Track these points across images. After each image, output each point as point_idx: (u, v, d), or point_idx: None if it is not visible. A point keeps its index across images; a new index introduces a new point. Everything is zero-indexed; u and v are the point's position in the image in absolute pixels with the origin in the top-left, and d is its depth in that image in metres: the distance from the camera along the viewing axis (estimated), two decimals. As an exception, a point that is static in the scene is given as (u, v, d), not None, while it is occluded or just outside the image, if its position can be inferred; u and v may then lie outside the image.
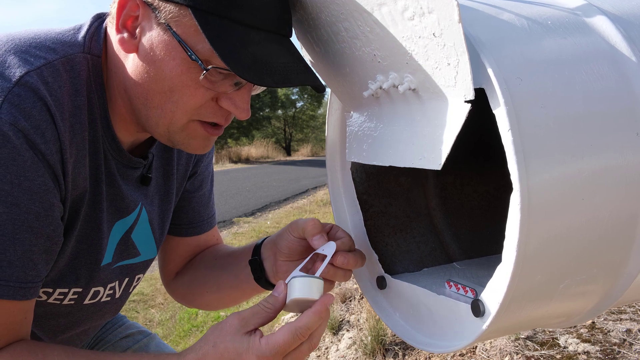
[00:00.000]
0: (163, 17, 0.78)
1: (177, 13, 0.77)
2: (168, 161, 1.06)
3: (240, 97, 0.85)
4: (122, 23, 0.81)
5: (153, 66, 0.81)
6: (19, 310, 0.79)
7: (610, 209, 0.73)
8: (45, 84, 0.77)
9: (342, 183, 1.09)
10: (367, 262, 1.00)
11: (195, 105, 0.83)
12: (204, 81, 0.81)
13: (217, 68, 0.79)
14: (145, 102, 0.85)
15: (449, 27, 0.67)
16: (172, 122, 0.85)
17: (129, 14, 0.80)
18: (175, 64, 0.80)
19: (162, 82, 0.82)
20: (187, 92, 0.82)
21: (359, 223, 1.07)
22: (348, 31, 0.83)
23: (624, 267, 0.78)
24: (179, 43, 0.78)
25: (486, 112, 0.70)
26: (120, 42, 0.82)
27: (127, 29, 0.81)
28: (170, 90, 0.82)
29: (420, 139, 0.79)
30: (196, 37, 0.78)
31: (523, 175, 0.66)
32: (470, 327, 0.79)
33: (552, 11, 0.81)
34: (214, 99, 0.84)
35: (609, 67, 0.75)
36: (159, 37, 0.80)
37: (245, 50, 0.78)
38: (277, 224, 7.33)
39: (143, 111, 0.86)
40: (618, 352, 2.07)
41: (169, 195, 1.08)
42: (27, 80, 0.75)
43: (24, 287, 0.77)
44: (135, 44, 0.81)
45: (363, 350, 2.70)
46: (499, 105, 0.67)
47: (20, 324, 0.81)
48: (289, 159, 24.67)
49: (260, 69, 0.78)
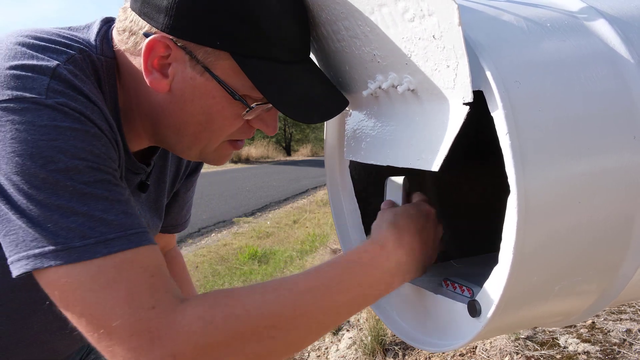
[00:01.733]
0: (199, 59, 0.79)
1: (214, 56, 0.79)
2: (162, 169, 1.07)
3: (271, 117, 0.89)
4: (150, 63, 0.81)
5: (190, 104, 0.83)
6: (160, 255, 0.75)
7: (607, 211, 0.73)
8: (74, 75, 0.76)
9: (340, 182, 1.10)
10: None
11: (231, 132, 0.87)
12: (245, 114, 0.84)
13: (260, 104, 0.83)
14: (178, 132, 0.87)
15: (448, 30, 0.68)
16: (206, 146, 0.88)
17: (158, 54, 0.80)
18: (216, 102, 0.82)
19: (199, 116, 0.84)
20: (227, 122, 0.85)
21: (357, 221, 1.07)
22: (348, 30, 0.84)
23: (620, 269, 0.78)
24: (218, 83, 0.81)
25: (484, 112, 0.70)
26: (152, 82, 0.82)
27: (156, 69, 0.81)
28: (207, 122, 0.85)
29: (418, 139, 0.79)
30: (235, 77, 0.80)
31: (520, 178, 0.66)
32: (468, 326, 0.80)
33: (550, 13, 0.81)
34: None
35: (607, 70, 0.76)
36: (195, 78, 0.81)
37: (289, 89, 0.81)
38: (277, 224, 7.34)
39: (173, 137, 0.88)
40: (618, 352, 2.07)
41: (159, 203, 1.08)
42: (60, 73, 0.74)
43: (147, 231, 0.74)
44: (168, 83, 0.82)
45: (363, 350, 2.70)
46: (497, 108, 0.67)
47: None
48: (289, 159, 24.66)
49: (307, 107, 0.83)
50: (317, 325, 0.78)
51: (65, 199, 0.68)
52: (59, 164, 0.69)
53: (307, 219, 7.48)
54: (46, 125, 0.70)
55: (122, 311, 0.67)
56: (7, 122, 0.69)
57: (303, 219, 7.53)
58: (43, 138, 0.69)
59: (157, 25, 0.79)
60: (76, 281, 0.67)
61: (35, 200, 0.68)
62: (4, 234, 0.69)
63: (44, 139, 0.69)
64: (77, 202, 0.68)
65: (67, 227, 0.68)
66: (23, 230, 0.68)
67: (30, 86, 0.71)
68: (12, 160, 0.68)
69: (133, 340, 0.67)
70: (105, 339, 0.67)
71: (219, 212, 8.32)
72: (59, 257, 0.67)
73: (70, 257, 0.67)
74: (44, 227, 0.68)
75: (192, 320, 0.69)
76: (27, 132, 0.69)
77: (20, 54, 0.75)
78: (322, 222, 7.07)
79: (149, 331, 0.67)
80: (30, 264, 0.68)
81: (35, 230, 0.68)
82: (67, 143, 0.70)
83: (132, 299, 0.68)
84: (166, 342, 0.67)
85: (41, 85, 0.72)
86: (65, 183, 0.68)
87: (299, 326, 0.75)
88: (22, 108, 0.70)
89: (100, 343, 0.68)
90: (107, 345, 0.68)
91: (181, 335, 0.68)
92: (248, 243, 6.18)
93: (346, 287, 0.79)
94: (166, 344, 0.67)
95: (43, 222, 0.68)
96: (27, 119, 0.69)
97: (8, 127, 0.69)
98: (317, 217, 7.52)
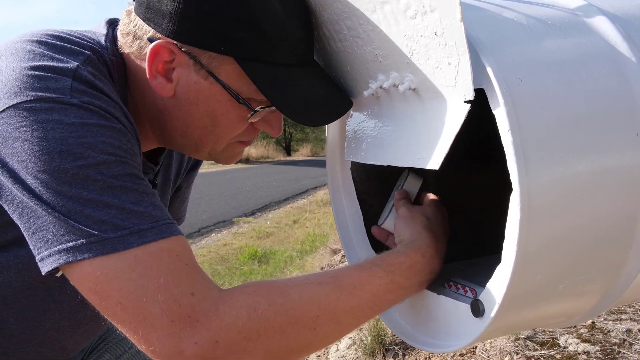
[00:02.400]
0: (203, 64, 0.80)
1: (218, 60, 0.80)
2: (167, 167, 1.08)
3: (276, 119, 0.90)
4: (155, 68, 0.82)
5: (195, 107, 0.84)
6: (189, 245, 0.76)
7: (610, 209, 0.73)
8: (94, 76, 0.77)
9: (342, 183, 1.10)
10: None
11: (236, 134, 0.88)
12: (249, 117, 0.85)
13: (264, 107, 0.84)
14: (184, 134, 0.88)
15: (450, 26, 0.67)
16: (213, 148, 0.90)
17: (162, 59, 0.81)
18: (220, 105, 0.83)
19: (204, 120, 0.85)
20: (231, 125, 0.86)
21: (358, 223, 1.07)
22: (350, 29, 0.83)
23: (623, 268, 0.78)
24: (223, 87, 0.81)
25: (487, 110, 0.70)
26: (157, 87, 0.83)
27: (160, 73, 0.82)
28: (212, 125, 0.85)
29: (419, 138, 0.79)
30: (239, 80, 0.81)
31: (523, 176, 0.66)
32: (470, 327, 0.79)
33: (552, 11, 0.81)
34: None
35: (609, 68, 0.75)
36: (200, 82, 0.82)
37: (293, 93, 0.82)
38: (277, 224, 7.34)
39: (179, 140, 0.89)
40: (618, 352, 2.07)
41: (164, 200, 1.09)
42: (81, 74, 0.75)
43: (175, 223, 0.75)
44: (173, 88, 0.83)
45: (363, 350, 2.70)
46: (498, 106, 0.67)
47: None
48: (289, 159, 24.66)
49: (310, 110, 0.84)
50: (356, 322, 0.80)
51: (96, 192, 0.68)
52: (89, 159, 0.69)
53: (307, 219, 7.48)
54: (74, 122, 0.70)
55: (162, 297, 0.67)
56: (32, 121, 0.69)
57: (303, 219, 7.53)
58: (71, 135, 0.69)
59: (161, 30, 0.80)
60: (112, 272, 0.68)
61: (66, 196, 0.68)
62: (33, 232, 0.70)
63: (73, 136, 0.69)
64: (109, 196, 0.69)
65: (100, 220, 0.68)
66: (54, 226, 0.68)
67: (54, 87, 0.72)
68: (40, 159, 0.68)
69: (174, 326, 0.67)
70: (142, 327, 0.67)
71: (219, 212, 8.32)
72: (92, 249, 0.68)
73: (105, 248, 0.68)
74: (76, 221, 0.68)
75: (237, 306, 0.70)
76: (55, 130, 0.69)
77: (39, 56, 0.75)
78: (322, 222, 7.07)
79: (189, 316, 0.67)
80: (63, 257, 0.68)
81: (67, 225, 0.68)
82: (95, 139, 0.70)
83: (172, 286, 0.68)
84: (209, 327, 0.68)
85: (64, 86, 0.72)
86: (95, 177, 0.69)
87: (340, 320, 0.77)
88: (48, 107, 0.70)
89: (137, 332, 0.68)
90: (145, 333, 0.68)
91: (225, 321, 0.68)
92: (248, 243, 6.18)
93: (389, 289, 0.81)
94: (210, 329, 0.68)
95: (75, 216, 0.68)
96: (54, 118, 0.70)
97: (34, 126, 0.69)
98: (317, 217, 7.52)
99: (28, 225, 0.70)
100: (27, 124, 0.69)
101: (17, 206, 0.70)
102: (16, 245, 0.80)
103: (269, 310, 0.71)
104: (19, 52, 0.76)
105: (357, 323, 0.81)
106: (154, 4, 0.80)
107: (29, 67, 0.73)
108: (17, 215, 0.71)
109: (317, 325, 0.74)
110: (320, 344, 0.77)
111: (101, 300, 0.69)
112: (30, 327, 0.89)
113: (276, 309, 0.72)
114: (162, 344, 0.67)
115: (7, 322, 0.87)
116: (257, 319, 0.70)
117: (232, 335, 0.69)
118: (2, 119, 0.70)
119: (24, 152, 0.69)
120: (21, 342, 0.90)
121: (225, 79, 0.81)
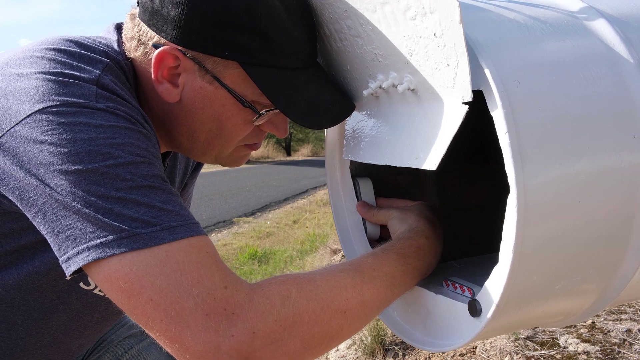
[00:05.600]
0: (208, 69, 0.81)
1: (223, 65, 0.81)
2: (172, 169, 1.09)
3: (281, 120, 0.91)
4: (160, 74, 0.82)
5: (201, 112, 0.85)
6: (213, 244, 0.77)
7: (606, 210, 0.73)
8: (115, 83, 0.78)
9: (341, 182, 1.10)
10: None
11: (242, 137, 0.89)
12: (255, 120, 0.86)
13: (269, 110, 0.85)
14: (191, 138, 0.89)
15: (449, 28, 0.68)
16: (220, 152, 0.91)
17: (167, 65, 0.82)
18: (225, 109, 0.84)
19: (210, 124, 0.86)
20: (237, 129, 0.87)
21: (357, 222, 1.07)
22: (350, 29, 0.84)
23: (619, 268, 0.78)
24: (228, 92, 0.82)
25: (484, 111, 0.70)
26: (163, 92, 0.84)
27: (166, 79, 0.83)
28: (218, 129, 0.87)
29: (416, 139, 0.79)
30: (244, 84, 0.82)
31: (520, 177, 0.66)
32: (468, 326, 0.80)
33: (550, 13, 0.81)
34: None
35: (606, 70, 0.76)
36: (205, 87, 0.83)
37: (298, 97, 0.83)
38: (277, 224, 7.34)
39: (186, 144, 0.90)
40: (618, 352, 2.07)
41: None
42: (104, 82, 0.76)
43: (199, 224, 0.76)
44: (178, 93, 0.84)
45: (363, 350, 2.70)
46: (496, 108, 0.67)
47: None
48: (289, 159, 24.65)
49: (315, 113, 0.85)
50: (378, 304, 0.82)
51: (125, 191, 0.69)
52: (118, 159, 0.70)
53: (307, 219, 7.47)
54: (102, 125, 0.71)
55: (196, 291, 0.67)
56: (59, 124, 0.70)
57: (303, 219, 7.53)
58: (100, 137, 0.70)
59: (166, 36, 0.80)
60: (143, 267, 0.67)
61: (96, 195, 0.68)
62: (59, 231, 0.69)
63: (101, 137, 0.70)
64: (138, 194, 0.69)
65: (130, 217, 0.68)
66: (82, 224, 0.68)
67: (79, 93, 0.73)
68: (68, 160, 0.69)
69: (210, 320, 0.67)
70: (175, 324, 0.67)
71: (219, 212, 8.31)
72: (123, 245, 0.67)
73: (136, 243, 0.67)
74: (106, 218, 0.68)
75: (270, 295, 0.70)
76: (83, 132, 0.70)
77: (60, 64, 0.76)
78: (322, 222, 7.06)
79: (225, 309, 0.67)
80: (92, 254, 0.67)
81: (97, 221, 0.68)
82: (123, 140, 0.71)
83: (205, 280, 0.68)
84: (245, 319, 0.68)
85: (90, 93, 0.73)
86: (125, 176, 0.69)
87: (367, 303, 0.79)
88: (76, 111, 0.71)
89: (169, 330, 0.67)
90: (177, 331, 0.67)
91: (260, 310, 0.69)
92: (248, 243, 6.17)
93: (405, 270, 0.84)
94: (246, 320, 0.68)
95: (105, 214, 0.68)
96: (82, 120, 0.70)
97: (62, 129, 0.70)
98: (317, 217, 7.52)
99: (53, 225, 0.69)
100: (53, 127, 0.69)
101: (40, 207, 0.69)
102: (29, 250, 0.80)
103: (301, 297, 0.72)
104: (39, 61, 0.76)
105: (380, 306, 0.82)
106: (158, 10, 0.80)
107: (52, 74, 0.74)
108: (40, 217, 0.70)
109: (347, 308, 0.75)
110: (349, 329, 0.77)
111: (130, 299, 0.68)
112: (37, 329, 0.89)
113: (307, 294, 0.73)
114: (196, 341, 0.66)
115: (14, 324, 0.86)
116: (290, 306, 0.71)
117: (269, 324, 0.69)
118: (27, 124, 0.70)
119: (49, 154, 0.69)
120: (27, 344, 0.89)
121: (230, 84, 0.82)
